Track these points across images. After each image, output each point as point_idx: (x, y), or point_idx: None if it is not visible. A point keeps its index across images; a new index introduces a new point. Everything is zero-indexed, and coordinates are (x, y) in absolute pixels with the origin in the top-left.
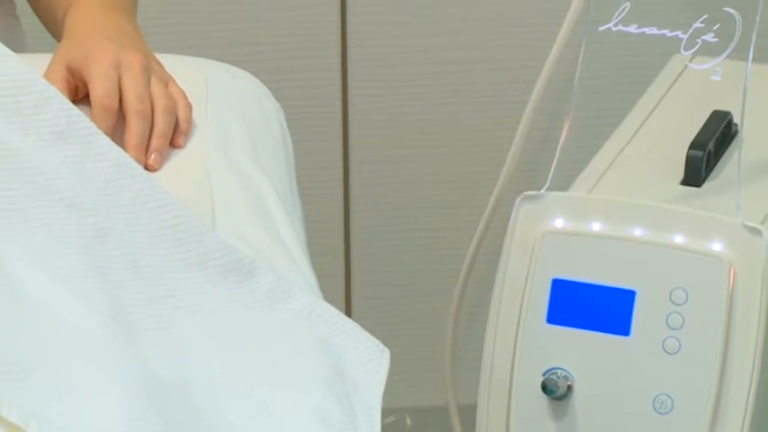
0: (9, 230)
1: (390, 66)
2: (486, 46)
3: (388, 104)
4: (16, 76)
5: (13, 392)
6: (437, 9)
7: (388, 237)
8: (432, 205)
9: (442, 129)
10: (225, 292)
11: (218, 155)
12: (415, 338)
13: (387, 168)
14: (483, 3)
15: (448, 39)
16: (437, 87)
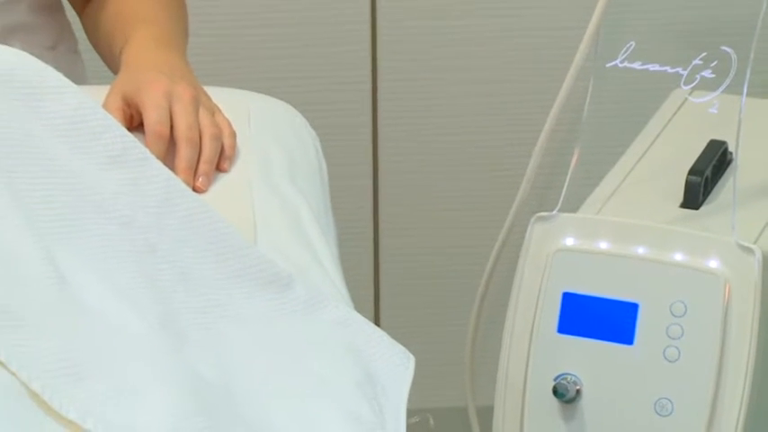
0: (70, 245)
1: (417, 98)
2: (504, 80)
3: (415, 133)
4: (77, 105)
5: (72, 392)
6: (462, 47)
7: (414, 253)
8: (454, 225)
9: (465, 156)
10: (265, 303)
11: (259, 178)
12: (438, 345)
13: (412, 192)
14: (502, 42)
15: (472, 74)
16: (460, 118)
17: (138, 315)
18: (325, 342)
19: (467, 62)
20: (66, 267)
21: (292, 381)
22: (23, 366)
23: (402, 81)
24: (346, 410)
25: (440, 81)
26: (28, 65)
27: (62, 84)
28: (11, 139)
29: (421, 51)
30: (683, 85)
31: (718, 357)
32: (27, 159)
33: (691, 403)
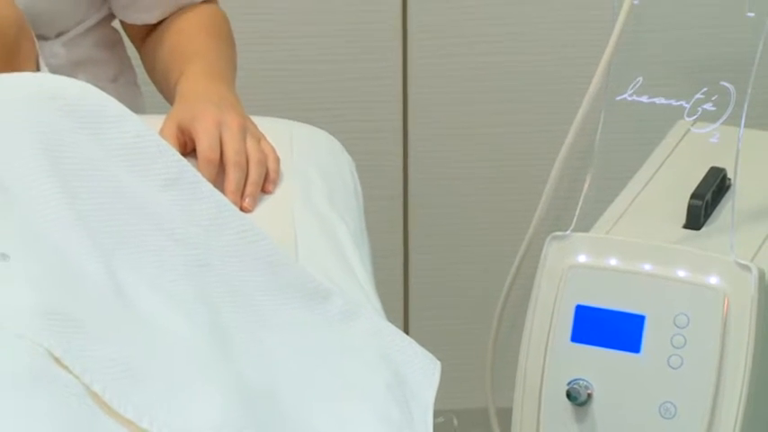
0: (128, 259)
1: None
2: (524, 111)
3: (442, 159)
4: (136, 132)
5: (129, 393)
6: (487, 81)
7: (440, 268)
8: (477, 243)
9: (488, 180)
10: (305, 314)
11: (300, 200)
12: (462, 351)
13: (439, 213)
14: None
15: (496, 105)
16: (484, 146)
17: (189, 323)
18: (360, 349)
19: (492, 95)
20: (124, 280)
21: (329, 384)
22: (86, 370)
23: (430, 112)
24: (378, 412)
25: (465, 112)
26: (92, 95)
27: (122, 113)
28: (76, 164)
29: (449, 84)
30: (686, 116)
31: (718, 365)
32: (90, 182)
33: (692, 407)
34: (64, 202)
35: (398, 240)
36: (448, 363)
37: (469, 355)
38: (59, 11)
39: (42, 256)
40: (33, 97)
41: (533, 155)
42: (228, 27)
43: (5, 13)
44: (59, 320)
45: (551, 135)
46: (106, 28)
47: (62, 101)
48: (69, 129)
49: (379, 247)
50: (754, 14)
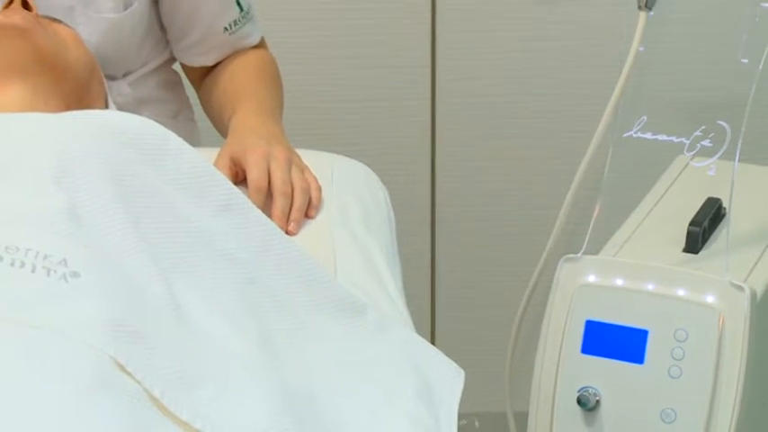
0: (185, 277)
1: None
2: (542, 147)
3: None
4: (194, 164)
5: (184, 397)
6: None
7: (463, 285)
8: (497, 263)
9: (508, 208)
10: (342, 326)
11: (339, 224)
12: (483, 360)
13: (463, 236)
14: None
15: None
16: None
17: (238, 334)
18: (391, 358)
19: (513, 131)
20: (181, 295)
21: (364, 390)
22: (147, 376)
23: (456, 147)
24: (409, 414)
25: (488, 146)
26: (153, 130)
27: (181, 146)
28: (138, 192)
29: (473, 122)
30: (686, 152)
31: (714, 375)
32: (151, 208)
33: (691, 413)
34: (128, 226)
35: (426, 261)
36: (470, 370)
37: (490, 363)
38: (126, 54)
39: (109, 274)
40: (101, 132)
41: (549, 185)
42: (276, 70)
43: (79, 56)
44: (124, 332)
45: (565, 167)
46: (168, 70)
47: (127, 135)
48: (133, 160)
49: (408, 266)
50: (748, 61)
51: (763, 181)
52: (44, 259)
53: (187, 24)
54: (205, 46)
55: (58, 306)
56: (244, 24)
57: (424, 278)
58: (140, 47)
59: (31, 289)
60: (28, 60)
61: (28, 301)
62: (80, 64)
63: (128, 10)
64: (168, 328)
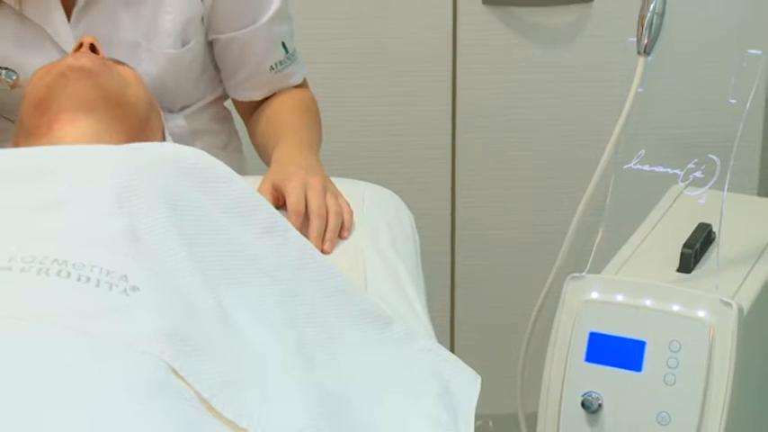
0: (232, 292)
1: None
2: (551, 177)
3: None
4: (241, 190)
5: (231, 399)
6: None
7: (481, 301)
8: (511, 280)
9: (521, 231)
10: (371, 336)
11: (370, 245)
12: (498, 366)
13: (481, 257)
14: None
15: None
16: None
17: (280, 343)
18: (415, 365)
19: (526, 163)
20: (228, 308)
21: (391, 393)
22: (198, 381)
23: (474, 178)
24: (430, 416)
25: (504, 177)
26: (205, 160)
27: (229, 174)
28: (191, 216)
29: (491, 156)
30: (680, 182)
31: (705, 382)
32: (202, 229)
33: (684, 416)
34: (182, 246)
35: (447, 278)
36: (486, 376)
37: (503, 370)
38: (183, 87)
39: (164, 289)
40: (159, 162)
41: (557, 210)
42: (316, 107)
43: (140, 94)
44: (177, 341)
45: (572, 195)
46: (220, 105)
47: (181, 164)
48: (187, 187)
49: (431, 282)
50: (736, 101)
51: (748, 208)
52: (107, 275)
53: (237, 64)
54: (253, 83)
55: (118, 317)
56: (288, 65)
57: (445, 293)
58: (197, 82)
59: (95, 302)
60: (94, 98)
61: (92, 312)
62: (140, 101)
63: (185, 47)
64: (217, 337)
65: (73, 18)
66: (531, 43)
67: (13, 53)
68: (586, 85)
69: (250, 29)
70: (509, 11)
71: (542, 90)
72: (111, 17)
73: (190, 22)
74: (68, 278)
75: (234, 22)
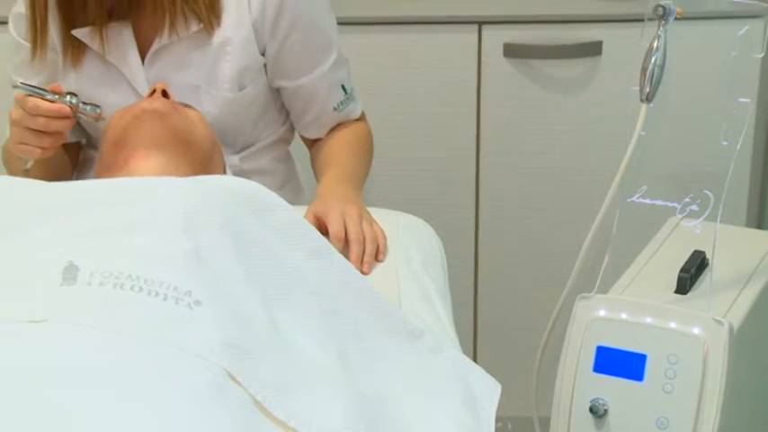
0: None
1: (508, 224)
2: (563, 208)
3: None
4: (290, 219)
5: (281, 402)
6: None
7: (500, 314)
8: (528, 298)
9: (536, 256)
10: (404, 347)
11: (403, 266)
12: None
13: (500, 278)
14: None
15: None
16: (533, 232)
17: (323, 352)
18: (442, 373)
19: (540, 196)
20: (279, 320)
21: (421, 398)
22: (252, 385)
23: (494, 207)
24: (456, 419)
25: (521, 209)
26: (261, 192)
27: (282, 205)
28: (247, 239)
29: (509, 189)
30: (678, 214)
31: (700, 391)
32: (257, 252)
33: (681, 421)
34: (239, 266)
35: (470, 296)
36: (505, 383)
37: (520, 378)
38: (241, 127)
39: (224, 303)
40: (220, 192)
41: (568, 238)
42: (368, 139)
43: (205, 134)
44: (234, 349)
45: (581, 225)
46: (280, 148)
47: (240, 195)
48: (244, 215)
49: (456, 299)
50: (727, 143)
51: (737, 238)
52: (174, 290)
53: (305, 108)
54: (319, 123)
55: (183, 328)
56: (348, 104)
57: (469, 309)
58: (255, 124)
59: (163, 314)
60: (165, 137)
61: (160, 323)
62: (205, 140)
63: (242, 92)
64: (269, 346)
65: (146, 62)
66: (546, 91)
67: (95, 91)
68: (595, 128)
69: (313, 76)
70: (527, 62)
71: (556, 132)
72: (177, 62)
73: (247, 70)
74: (140, 292)
75: (299, 71)
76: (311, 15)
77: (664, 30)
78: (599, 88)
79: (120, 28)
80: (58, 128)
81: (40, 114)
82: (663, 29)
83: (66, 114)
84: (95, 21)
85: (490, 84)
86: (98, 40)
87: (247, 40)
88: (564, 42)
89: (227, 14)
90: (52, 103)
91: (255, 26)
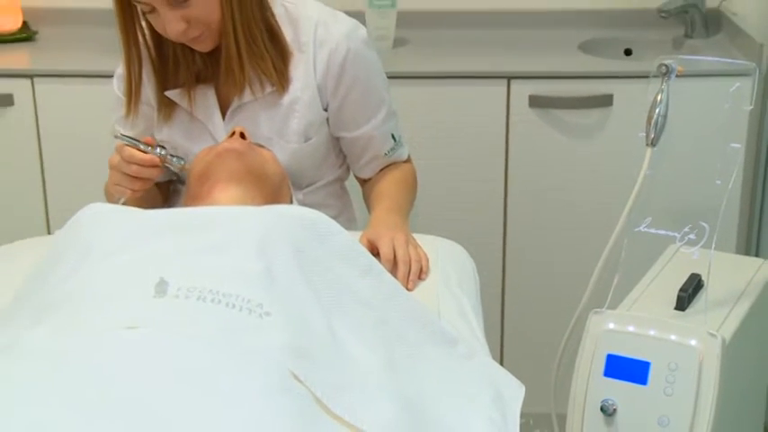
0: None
1: (529, 245)
2: (576, 237)
3: (526, 259)
4: (347, 242)
5: (339, 399)
6: (563, 216)
7: (524, 325)
8: (548, 312)
9: (556, 277)
10: (442, 353)
11: (442, 284)
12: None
13: (525, 293)
14: (577, 218)
15: (566, 232)
16: (554, 257)
17: (374, 357)
18: (475, 375)
19: (560, 225)
20: (337, 329)
21: (456, 397)
22: (312, 384)
23: (519, 235)
24: (486, 416)
25: (542, 236)
26: (322, 219)
27: (340, 230)
28: (311, 260)
29: (533, 220)
30: (678, 242)
31: (695, 394)
32: (318, 270)
33: (680, 420)
34: (303, 282)
35: (498, 310)
36: (528, 384)
37: (541, 380)
38: (305, 170)
39: (290, 314)
40: (288, 219)
41: (583, 262)
42: (413, 178)
43: (276, 170)
44: (299, 353)
45: (594, 250)
46: (337, 185)
47: (305, 222)
48: (308, 238)
49: (487, 312)
50: (721, 182)
51: (729, 263)
52: (247, 303)
53: (360, 154)
54: (372, 165)
55: (255, 334)
56: (397, 150)
57: (497, 321)
58: (318, 167)
59: (238, 322)
60: (242, 172)
61: (236, 330)
62: (275, 175)
63: (307, 142)
64: (327, 351)
65: (226, 118)
66: (565, 136)
67: (182, 142)
68: (607, 168)
69: (368, 128)
70: (549, 111)
71: (573, 170)
72: (253, 118)
73: (312, 124)
74: (219, 304)
75: (356, 124)
76: (366, 78)
77: (666, 85)
78: (610, 134)
79: (204, 90)
80: (148, 175)
81: (134, 162)
82: (666, 84)
83: (156, 164)
84: (185, 84)
85: (517, 129)
86: (187, 100)
87: (313, 99)
88: (580, 95)
89: (296, 77)
90: (145, 154)
91: (320, 87)
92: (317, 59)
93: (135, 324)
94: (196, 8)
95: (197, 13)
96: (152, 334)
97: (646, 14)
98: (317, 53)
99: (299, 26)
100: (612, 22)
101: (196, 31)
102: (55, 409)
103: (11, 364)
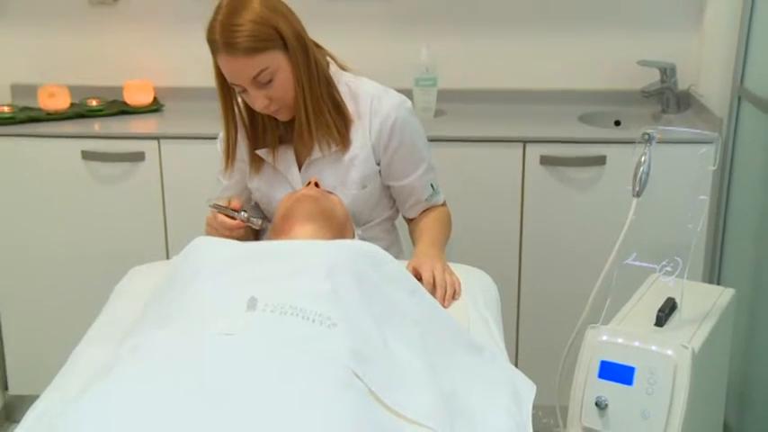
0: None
1: (539, 274)
2: (575, 269)
3: (538, 280)
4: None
5: (391, 393)
6: (561, 256)
7: (535, 336)
8: (553, 326)
9: (559, 297)
10: (471, 359)
11: (471, 305)
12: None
13: (535, 312)
14: (576, 251)
15: (568, 264)
16: (557, 281)
17: (418, 361)
18: (497, 376)
19: (565, 259)
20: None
21: (482, 394)
22: (370, 381)
23: (531, 266)
24: (506, 408)
25: (548, 267)
26: (378, 251)
27: (392, 259)
28: (368, 283)
29: (543, 257)
30: (657, 272)
31: (671, 394)
32: (374, 291)
33: (658, 414)
34: (362, 300)
35: (514, 324)
36: (537, 382)
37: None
38: (363, 213)
39: (352, 326)
40: (351, 250)
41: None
42: (449, 219)
43: (342, 212)
44: (359, 356)
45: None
46: (388, 223)
47: (363, 252)
48: (366, 266)
49: (506, 326)
50: (691, 226)
51: (697, 290)
52: (319, 316)
53: (406, 199)
54: (415, 208)
55: (324, 341)
56: (435, 196)
57: (512, 333)
58: (372, 209)
59: (311, 332)
60: (316, 213)
61: (310, 337)
62: (342, 215)
63: (364, 189)
64: (381, 355)
65: (302, 171)
66: (568, 188)
67: (267, 190)
68: (601, 213)
69: (411, 179)
70: (556, 168)
71: (574, 215)
72: (322, 171)
73: (367, 176)
74: (296, 317)
75: (402, 176)
76: (411, 140)
77: (649, 149)
78: (604, 187)
79: (285, 149)
80: (236, 235)
81: (224, 228)
82: (648, 149)
83: (241, 227)
84: (270, 144)
85: (530, 182)
86: (272, 157)
87: (368, 156)
88: (581, 155)
89: (356, 139)
90: (232, 220)
91: (374, 147)
92: (372, 125)
93: (231, 331)
94: (276, 89)
95: (277, 92)
96: (244, 339)
97: (631, 94)
98: (372, 120)
99: (359, 100)
100: (606, 100)
101: (276, 105)
102: (167, 391)
103: (138, 358)
